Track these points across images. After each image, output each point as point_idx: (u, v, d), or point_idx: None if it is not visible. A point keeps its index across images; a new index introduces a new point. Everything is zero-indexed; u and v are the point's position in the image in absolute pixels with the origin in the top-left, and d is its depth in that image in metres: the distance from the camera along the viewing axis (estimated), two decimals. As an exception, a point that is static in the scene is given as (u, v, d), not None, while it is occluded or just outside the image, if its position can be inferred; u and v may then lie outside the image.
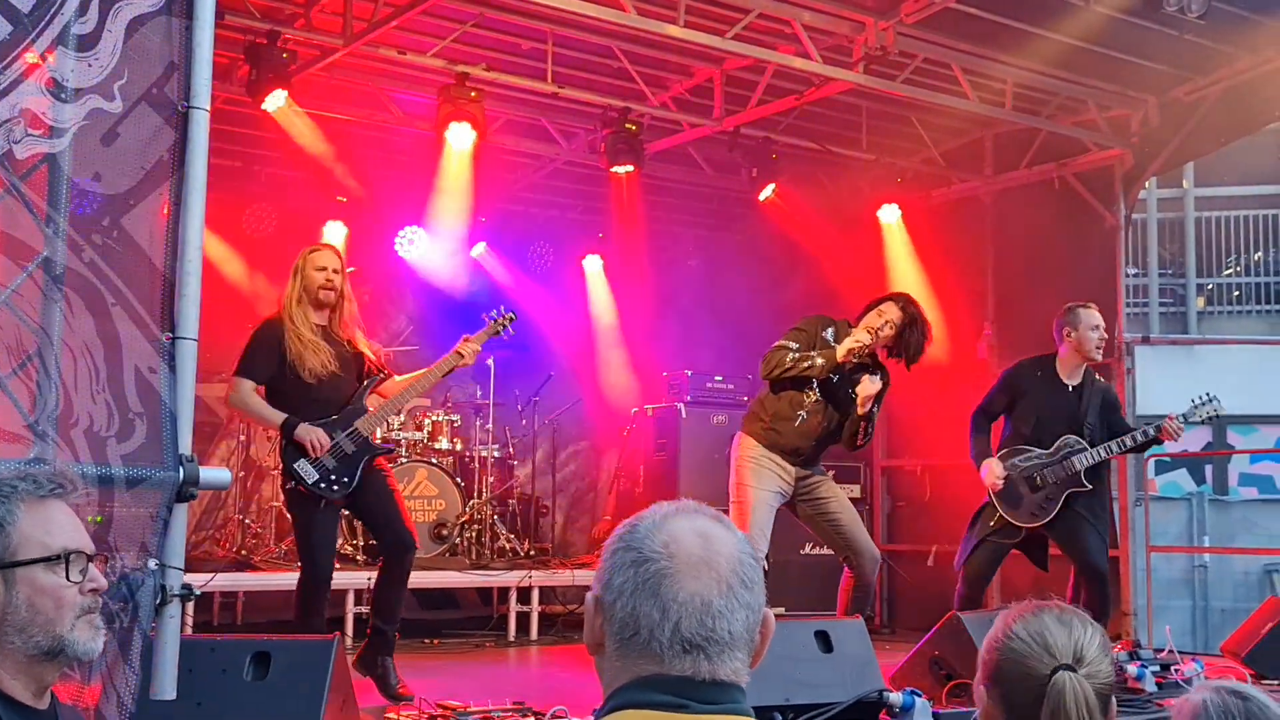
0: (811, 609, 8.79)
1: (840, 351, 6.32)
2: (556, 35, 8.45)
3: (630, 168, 9.32)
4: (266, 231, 10.49)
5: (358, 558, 8.87)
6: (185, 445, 3.48)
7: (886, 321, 6.54)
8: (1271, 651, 6.60)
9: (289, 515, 6.18)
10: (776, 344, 6.51)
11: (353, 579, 8.33)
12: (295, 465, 5.72)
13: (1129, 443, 6.74)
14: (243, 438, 9.67)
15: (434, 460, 9.50)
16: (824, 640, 5.28)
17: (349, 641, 7.92)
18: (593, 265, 12.12)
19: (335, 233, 10.73)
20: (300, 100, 8.50)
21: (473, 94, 8.49)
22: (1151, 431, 6.70)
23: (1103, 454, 6.73)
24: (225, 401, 6.22)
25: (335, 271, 5.86)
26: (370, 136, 10.00)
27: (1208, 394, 6.85)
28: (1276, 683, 6.41)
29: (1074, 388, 6.87)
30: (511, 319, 6.28)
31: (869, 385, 6.29)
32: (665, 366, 10.91)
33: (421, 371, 6.09)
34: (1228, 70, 8.70)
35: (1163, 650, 6.81)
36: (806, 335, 6.52)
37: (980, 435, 6.98)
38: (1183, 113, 9.20)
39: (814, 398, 6.44)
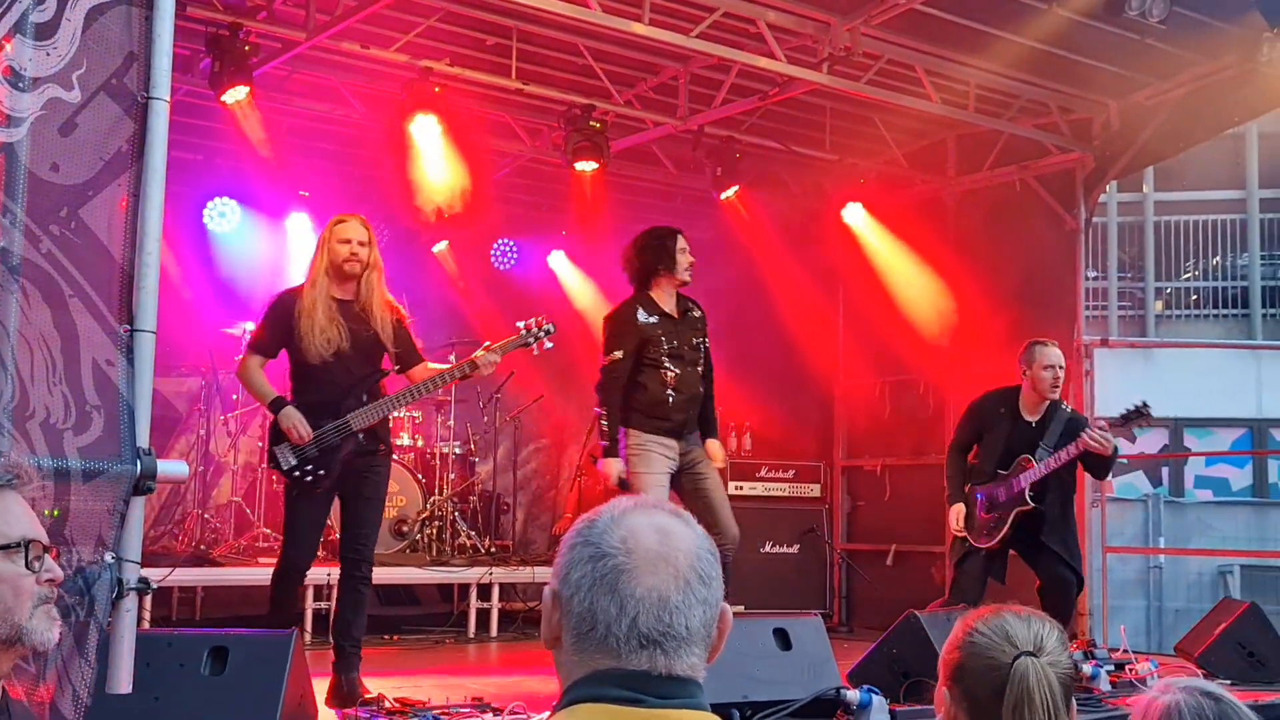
0: (770, 607, 8.83)
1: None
2: (521, 31, 8.43)
3: (594, 165, 9.30)
4: (228, 225, 10.42)
5: (319, 552, 8.81)
6: (143, 438, 3.46)
7: (688, 250, 6.75)
8: (1224, 652, 6.67)
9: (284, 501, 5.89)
10: (607, 361, 6.49)
11: (312, 575, 8.26)
12: (275, 448, 5.56)
13: (1063, 457, 6.67)
14: (202, 432, 9.60)
15: (395, 456, 9.44)
16: (782, 638, 5.29)
17: (307, 637, 7.88)
18: (556, 262, 12.10)
19: (297, 226, 10.68)
20: (262, 93, 8.43)
21: (436, 89, 8.46)
22: (1074, 450, 6.62)
23: (1042, 470, 6.69)
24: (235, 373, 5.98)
25: (361, 244, 5.59)
26: (332, 131, 9.94)
27: (1141, 403, 6.72)
28: (1229, 682, 6.48)
29: (1036, 423, 6.85)
30: (549, 331, 5.92)
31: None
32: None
33: (434, 371, 5.85)
34: (1188, 75, 8.77)
35: (1117, 650, 6.88)
36: (627, 339, 6.48)
37: (955, 474, 7.00)
38: (1143, 117, 9.27)
39: (674, 371, 6.47)
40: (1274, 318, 18.09)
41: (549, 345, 5.97)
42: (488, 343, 5.86)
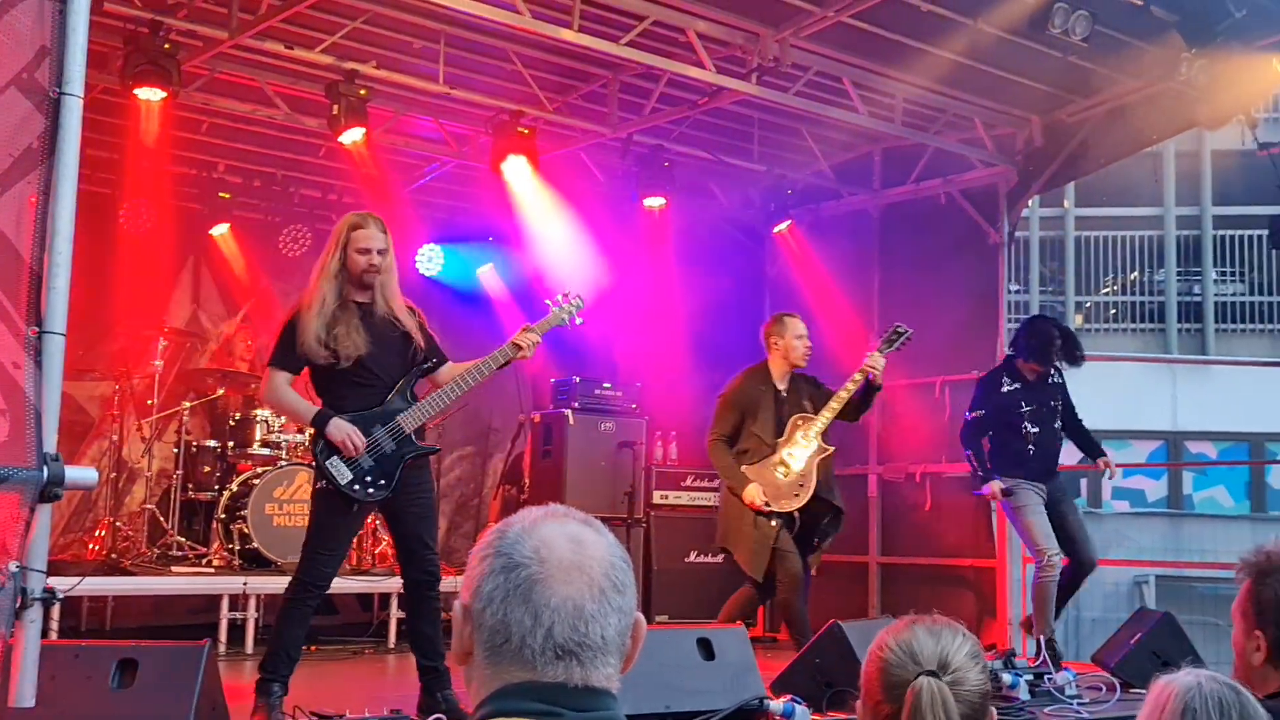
0: (694, 617, 8.82)
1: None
2: (449, 35, 8.36)
3: (527, 169, 9.25)
4: (145, 227, 10.20)
5: (235, 563, 8.66)
6: (50, 443, 3.36)
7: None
8: (1139, 660, 6.76)
9: (310, 511, 5.52)
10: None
11: (227, 584, 8.15)
12: (327, 463, 5.26)
13: (836, 405, 7.06)
14: (115, 438, 9.39)
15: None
16: (705, 648, 5.28)
17: (221, 648, 7.75)
18: (484, 270, 12.01)
19: (217, 229, 10.53)
20: (182, 92, 8.26)
21: (361, 91, 8.37)
22: (858, 376, 7.03)
23: (826, 420, 7.08)
24: (259, 397, 5.65)
25: (380, 252, 5.38)
26: (255, 133, 9.78)
27: (899, 325, 7.22)
28: (1143, 691, 6.56)
29: (788, 391, 7.23)
30: (578, 306, 5.78)
31: None
32: (553, 373, 10.86)
33: (472, 364, 5.57)
34: (1110, 93, 8.91)
35: (1036, 659, 6.95)
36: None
37: (730, 463, 7.14)
38: (1066, 133, 9.40)
39: None
40: (1189, 332, 18.47)
41: (579, 320, 5.84)
42: (526, 325, 5.65)
